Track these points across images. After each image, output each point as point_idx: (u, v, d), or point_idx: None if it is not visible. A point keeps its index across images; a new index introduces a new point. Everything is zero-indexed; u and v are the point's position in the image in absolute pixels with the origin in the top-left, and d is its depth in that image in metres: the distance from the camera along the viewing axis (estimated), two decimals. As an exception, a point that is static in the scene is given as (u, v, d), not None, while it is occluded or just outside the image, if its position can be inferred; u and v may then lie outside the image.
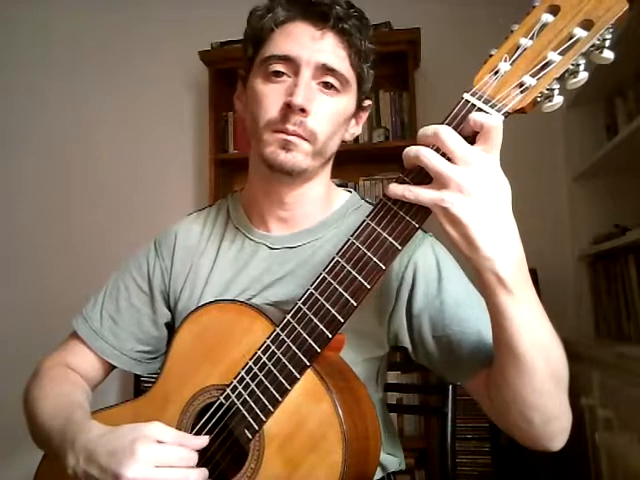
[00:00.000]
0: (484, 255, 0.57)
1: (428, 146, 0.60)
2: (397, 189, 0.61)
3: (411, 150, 0.60)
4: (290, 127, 0.78)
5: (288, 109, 0.77)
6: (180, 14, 2.64)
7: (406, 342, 0.83)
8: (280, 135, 0.78)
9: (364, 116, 0.93)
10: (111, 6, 2.70)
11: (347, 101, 0.84)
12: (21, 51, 2.77)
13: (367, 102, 0.92)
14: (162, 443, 0.66)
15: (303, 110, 0.77)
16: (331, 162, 0.90)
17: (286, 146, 0.79)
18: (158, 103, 2.66)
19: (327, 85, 0.80)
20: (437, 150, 0.59)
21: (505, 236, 0.58)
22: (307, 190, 0.87)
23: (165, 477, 0.63)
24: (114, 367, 0.93)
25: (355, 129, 0.92)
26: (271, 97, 0.79)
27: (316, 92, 0.80)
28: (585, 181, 2.20)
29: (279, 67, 0.79)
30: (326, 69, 0.79)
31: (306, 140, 0.79)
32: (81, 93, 2.72)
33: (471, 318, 0.77)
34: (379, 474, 0.88)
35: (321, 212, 0.90)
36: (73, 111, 2.71)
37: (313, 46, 0.79)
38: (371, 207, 0.90)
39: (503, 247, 0.58)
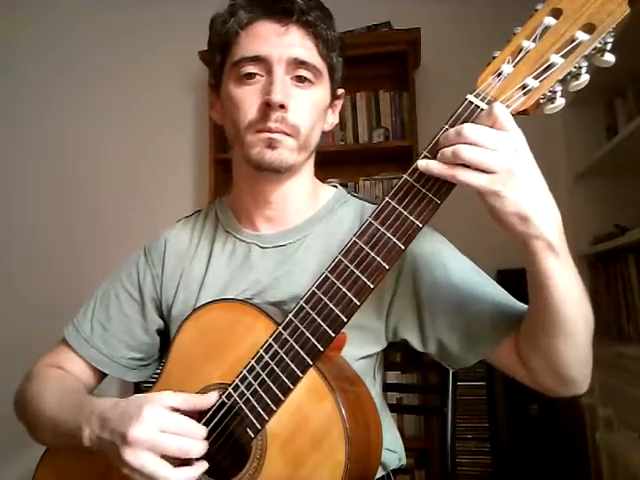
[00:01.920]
0: (536, 226, 0.60)
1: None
2: (442, 169, 0.60)
3: (447, 152, 0.60)
4: (272, 125, 0.78)
5: (267, 107, 0.78)
6: (180, 14, 2.64)
7: (409, 334, 0.83)
8: (263, 134, 0.79)
9: (339, 105, 0.94)
10: (112, 6, 2.70)
11: (322, 92, 0.85)
12: (21, 51, 2.77)
13: (340, 91, 0.92)
14: (173, 410, 0.68)
15: (282, 106, 0.78)
16: (313, 156, 0.91)
17: (271, 144, 0.79)
18: (158, 103, 2.66)
19: (300, 79, 0.81)
20: None
21: (548, 205, 0.61)
22: (292, 187, 0.88)
23: (167, 442, 0.65)
24: (105, 375, 0.93)
25: (332, 119, 0.93)
26: (248, 99, 0.80)
27: (291, 87, 0.80)
28: (585, 181, 2.20)
29: (251, 68, 0.80)
30: (298, 63, 0.80)
31: (289, 135, 0.80)
32: (81, 93, 2.72)
33: (485, 293, 0.79)
34: (379, 473, 0.88)
35: (308, 209, 0.90)
36: (73, 111, 2.71)
37: (280, 42, 0.79)
38: (359, 202, 0.91)
39: (550, 216, 0.61)
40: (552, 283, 0.64)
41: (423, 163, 0.62)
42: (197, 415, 0.74)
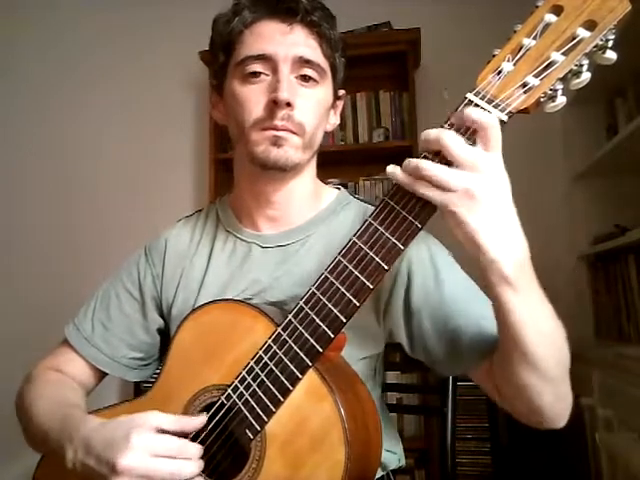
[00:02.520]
0: (490, 257, 0.58)
1: (430, 151, 0.60)
2: (404, 180, 0.60)
3: (411, 163, 0.60)
4: (279, 122, 0.78)
5: (274, 105, 0.78)
6: (180, 14, 2.63)
7: (401, 338, 0.83)
8: (269, 132, 0.79)
9: (340, 105, 0.94)
10: (112, 6, 2.70)
11: (325, 91, 0.85)
12: (21, 51, 2.77)
13: (341, 92, 0.92)
14: (160, 431, 0.66)
15: (289, 104, 0.78)
16: (316, 157, 0.91)
17: (277, 142, 0.79)
18: (158, 103, 2.66)
19: (305, 78, 0.81)
20: (439, 154, 0.60)
21: (510, 236, 0.60)
22: (295, 187, 0.88)
23: (159, 467, 0.63)
24: (106, 374, 0.93)
25: (334, 119, 0.93)
26: (254, 97, 0.80)
27: (297, 86, 0.81)
28: (585, 181, 2.20)
29: (256, 67, 0.80)
30: (303, 61, 0.80)
31: (295, 134, 0.80)
32: (81, 93, 2.71)
33: (471, 310, 0.77)
34: (379, 473, 0.88)
35: (310, 209, 0.90)
36: (73, 111, 2.71)
37: (285, 41, 0.80)
38: (361, 204, 0.91)
39: (508, 247, 0.59)
40: (509, 317, 0.62)
41: (390, 169, 0.62)
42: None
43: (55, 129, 2.71)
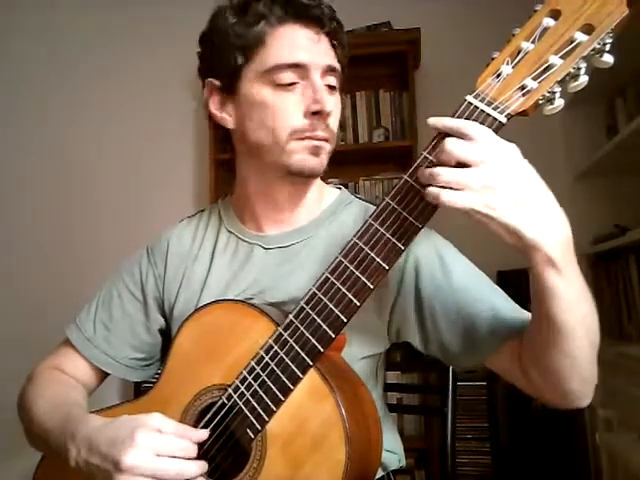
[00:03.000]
0: (529, 240, 0.58)
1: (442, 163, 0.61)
2: (435, 192, 0.60)
3: (425, 174, 0.61)
4: (321, 133, 0.80)
5: (313, 116, 0.79)
6: (180, 14, 2.63)
7: (412, 336, 0.83)
8: (309, 142, 0.80)
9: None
10: (112, 6, 2.70)
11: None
12: (22, 52, 2.77)
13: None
14: (162, 433, 0.66)
15: (329, 114, 0.80)
16: None
17: (316, 151, 0.81)
18: (158, 103, 2.66)
19: (330, 86, 0.83)
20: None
21: (546, 215, 0.59)
22: (307, 191, 0.89)
23: (163, 466, 0.64)
24: (107, 374, 0.93)
25: None
26: (290, 107, 0.80)
27: (327, 95, 0.82)
28: (585, 181, 2.20)
29: (291, 76, 0.79)
30: (329, 70, 0.82)
31: (328, 142, 0.82)
32: (81, 93, 2.71)
33: (483, 297, 0.78)
34: (379, 473, 0.88)
35: (313, 210, 0.91)
36: (73, 111, 2.70)
37: (316, 49, 0.80)
38: (363, 203, 0.92)
39: (546, 227, 0.58)
40: (554, 300, 0.62)
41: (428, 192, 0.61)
42: (196, 418, 0.74)
43: (55, 129, 2.71)
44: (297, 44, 0.80)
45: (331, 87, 0.83)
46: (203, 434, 0.70)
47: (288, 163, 0.81)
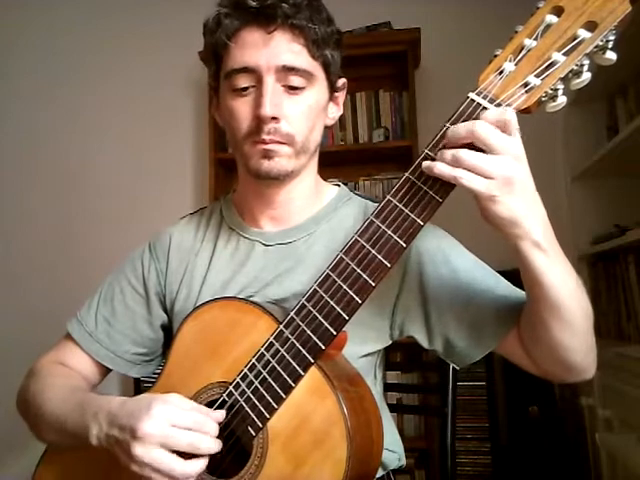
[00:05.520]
0: (524, 228, 0.62)
1: (459, 145, 0.61)
2: (443, 171, 0.61)
3: (447, 155, 0.60)
4: (265, 137, 0.79)
5: (260, 120, 0.78)
6: (180, 14, 2.63)
7: (417, 331, 0.84)
8: (259, 146, 0.80)
9: (342, 95, 0.92)
10: (112, 7, 2.70)
11: (317, 93, 0.83)
12: (22, 52, 2.77)
13: (341, 81, 0.90)
14: (179, 408, 0.67)
15: (274, 118, 0.78)
16: (317, 155, 0.91)
17: (267, 155, 0.80)
18: (158, 103, 2.66)
19: (292, 86, 0.80)
20: (467, 145, 0.60)
21: (535, 206, 0.63)
22: (294, 188, 0.88)
23: (179, 437, 0.65)
24: (109, 370, 0.93)
25: (335, 111, 0.91)
26: (241, 111, 0.80)
27: (283, 95, 0.80)
28: (585, 181, 2.20)
29: (242, 81, 0.79)
30: (287, 70, 0.79)
31: (284, 144, 0.80)
32: (81, 94, 2.71)
33: (488, 287, 0.80)
34: (379, 472, 0.88)
35: (311, 207, 0.91)
36: (73, 112, 2.71)
37: (267, 50, 0.78)
38: (362, 200, 0.92)
39: (536, 216, 0.63)
40: (544, 278, 0.65)
41: (426, 164, 0.62)
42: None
43: (55, 129, 2.71)
44: (247, 48, 0.79)
45: (292, 87, 0.80)
46: (220, 415, 0.70)
47: (247, 167, 0.83)
